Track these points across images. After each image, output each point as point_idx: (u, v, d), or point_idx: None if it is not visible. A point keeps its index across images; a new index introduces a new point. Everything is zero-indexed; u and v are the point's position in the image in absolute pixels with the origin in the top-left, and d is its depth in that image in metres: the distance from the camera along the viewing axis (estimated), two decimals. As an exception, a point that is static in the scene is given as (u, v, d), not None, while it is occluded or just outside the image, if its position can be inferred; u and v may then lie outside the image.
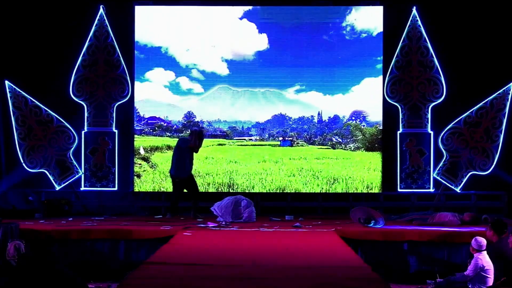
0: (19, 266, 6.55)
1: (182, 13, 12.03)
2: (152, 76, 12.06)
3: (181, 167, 10.57)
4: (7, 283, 6.11)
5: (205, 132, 11.26)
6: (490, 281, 7.31)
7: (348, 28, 11.95)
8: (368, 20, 11.91)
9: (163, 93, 12.06)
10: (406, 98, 11.75)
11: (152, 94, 12.07)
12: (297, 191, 11.83)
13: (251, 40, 11.99)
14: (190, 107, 12.18)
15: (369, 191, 11.79)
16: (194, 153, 10.70)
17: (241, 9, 11.97)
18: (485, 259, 7.38)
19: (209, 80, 12.06)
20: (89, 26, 11.73)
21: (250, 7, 11.99)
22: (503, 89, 11.57)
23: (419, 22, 11.70)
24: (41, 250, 6.35)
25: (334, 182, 11.84)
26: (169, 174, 10.95)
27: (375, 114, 11.98)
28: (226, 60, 12.03)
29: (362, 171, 11.91)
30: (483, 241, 7.47)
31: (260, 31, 11.97)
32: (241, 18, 12.00)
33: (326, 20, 11.98)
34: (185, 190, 10.82)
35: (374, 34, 11.92)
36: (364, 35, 11.94)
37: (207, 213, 10.66)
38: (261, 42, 11.97)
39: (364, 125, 12.09)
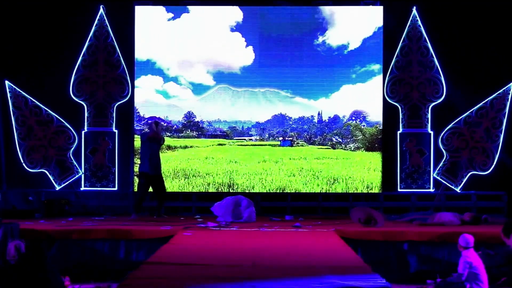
0: (15, 266, 6.58)
1: (173, 25, 12.03)
2: (143, 83, 12.07)
3: (157, 164, 10.55)
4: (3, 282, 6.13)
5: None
6: (483, 278, 7.32)
7: (320, 48, 11.92)
8: (342, 36, 11.93)
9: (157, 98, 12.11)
10: (406, 98, 11.76)
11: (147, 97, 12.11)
12: (297, 191, 11.83)
13: (238, 53, 12.02)
14: (190, 107, 12.18)
15: (369, 191, 11.79)
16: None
17: (227, 24, 11.99)
18: (473, 256, 7.41)
19: (198, 89, 12.09)
20: (89, 26, 11.74)
21: (237, 21, 12.00)
22: (503, 89, 11.58)
23: (419, 22, 11.71)
24: (33, 249, 6.37)
25: (334, 182, 11.84)
26: (140, 173, 10.63)
27: (375, 114, 11.98)
28: (213, 72, 12.06)
29: (362, 171, 11.91)
30: (471, 239, 7.51)
31: (248, 44, 11.98)
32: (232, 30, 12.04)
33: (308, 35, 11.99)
34: (150, 190, 10.70)
35: (345, 52, 11.92)
36: (335, 53, 11.93)
37: (207, 213, 10.67)
38: (248, 55, 11.99)
39: (364, 125, 12.09)
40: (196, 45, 12.03)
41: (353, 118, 12.13)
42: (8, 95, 11.66)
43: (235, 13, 12.00)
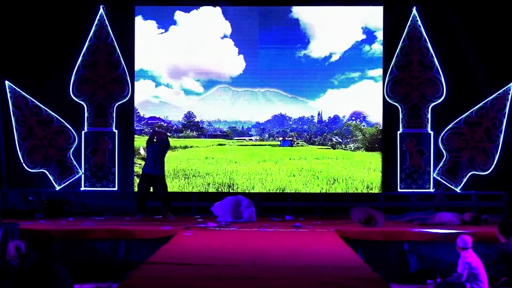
0: (22, 266, 6.59)
1: (164, 38, 12.05)
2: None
3: (159, 164, 10.53)
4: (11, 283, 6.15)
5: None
6: (483, 278, 7.33)
7: (303, 60, 11.97)
8: (324, 48, 11.99)
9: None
10: (406, 98, 11.75)
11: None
12: (297, 191, 11.82)
13: (228, 62, 12.08)
14: (190, 107, 12.18)
15: (369, 191, 11.79)
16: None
17: (221, 31, 12.02)
18: (472, 257, 7.40)
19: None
20: (89, 26, 11.73)
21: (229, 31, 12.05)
22: (503, 89, 11.58)
23: (419, 22, 11.71)
24: (41, 249, 6.40)
25: (334, 182, 11.84)
26: (141, 173, 10.77)
27: (375, 114, 11.98)
28: (202, 81, 12.10)
29: (362, 171, 11.91)
30: (468, 239, 7.51)
31: (239, 52, 12.00)
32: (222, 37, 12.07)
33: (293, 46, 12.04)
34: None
35: (326, 64, 11.94)
36: (317, 65, 11.96)
37: (207, 213, 10.67)
38: (239, 63, 12.04)
39: (364, 125, 12.09)
40: (189, 54, 12.07)
41: (353, 118, 12.13)
42: (8, 95, 11.66)
43: (230, 17, 12.03)
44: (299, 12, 11.97)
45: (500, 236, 7.80)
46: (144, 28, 12.00)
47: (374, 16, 11.89)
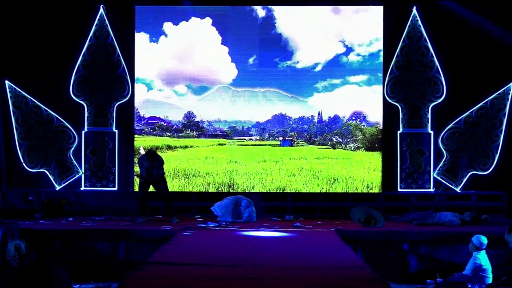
0: (21, 265, 6.60)
1: (160, 46, 12.06)
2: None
3: (156, 173, 10.39)
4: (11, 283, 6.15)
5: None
6: (489, 281, 7.31)
7: (289, 70, 12.01)
8: (311, 58, 12.01)
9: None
10: (406, 98, 11.75)
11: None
12: (297, 191, 11.82)
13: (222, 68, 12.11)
14: (190, 107, 12.18)
15: (369, 191, 11.78)
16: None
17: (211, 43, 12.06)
18: (483, 259, 7.37)
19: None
20: (89, 26, 11.73)
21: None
22: (503, 89, 11.58)
23: (419, 22, 11.71)
24: (42, 249, 6.40)
25: (334, 182, 11.84)
26: (139, 174, 10.65)
27: (375, 114, 11.98)
28: (191, 87, 12.11)
29: (362, 171, 11.91)
30: (484, 240, 7.46)
31: (236, 55, 11.99)
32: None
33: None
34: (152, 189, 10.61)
35: (308, 74, 11.98)
36: (304, 73, 11.99)
37: (207, 213, 10.67)
38: (232, 70, 12.06)
39: (364, 125, 12.09)
40: (182, 63, 12.10)
41: (353, 118, 12.12)
42: (8, 95, 11.65)
43: (229, 17, 12.03)
44: (283, 26, 11.99)
45: None
46: (137, 40, 12.00)
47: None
